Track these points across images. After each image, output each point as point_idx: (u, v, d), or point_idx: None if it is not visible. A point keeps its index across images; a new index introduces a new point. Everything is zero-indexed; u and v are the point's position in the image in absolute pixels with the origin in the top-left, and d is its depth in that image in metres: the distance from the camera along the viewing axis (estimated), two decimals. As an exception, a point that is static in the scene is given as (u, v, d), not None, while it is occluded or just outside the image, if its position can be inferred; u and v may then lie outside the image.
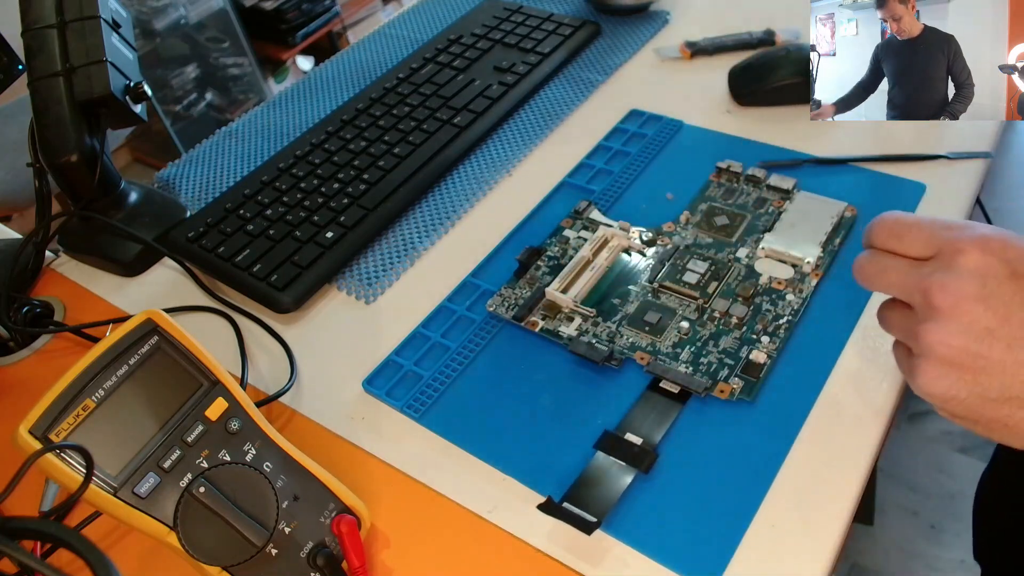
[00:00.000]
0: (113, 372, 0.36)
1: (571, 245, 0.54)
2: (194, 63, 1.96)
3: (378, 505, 0.43)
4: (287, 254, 0.56)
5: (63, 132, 0.55)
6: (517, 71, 0.69)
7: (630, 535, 0.39)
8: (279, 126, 0.72)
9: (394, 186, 0.60)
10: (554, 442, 0.44)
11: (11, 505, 0.45)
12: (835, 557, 0.38)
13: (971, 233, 0.34)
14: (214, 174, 0.68)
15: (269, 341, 0.53)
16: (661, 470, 0.42)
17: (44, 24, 0.55)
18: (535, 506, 0.40)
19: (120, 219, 0.60)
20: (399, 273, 0.56)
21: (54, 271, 0.63)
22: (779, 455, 0.41)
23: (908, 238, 0.35)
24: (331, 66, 0.79)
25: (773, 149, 0.59)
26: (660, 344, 0.47)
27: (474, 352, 0.49)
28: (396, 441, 0.46)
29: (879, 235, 0.37)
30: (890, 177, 0.55)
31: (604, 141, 0.63)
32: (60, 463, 0.33)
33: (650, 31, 0.74)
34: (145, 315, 0.37)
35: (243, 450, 0.38)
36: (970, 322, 0.32)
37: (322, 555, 0.38)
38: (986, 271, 0.32)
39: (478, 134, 0.64)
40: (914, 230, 0.35)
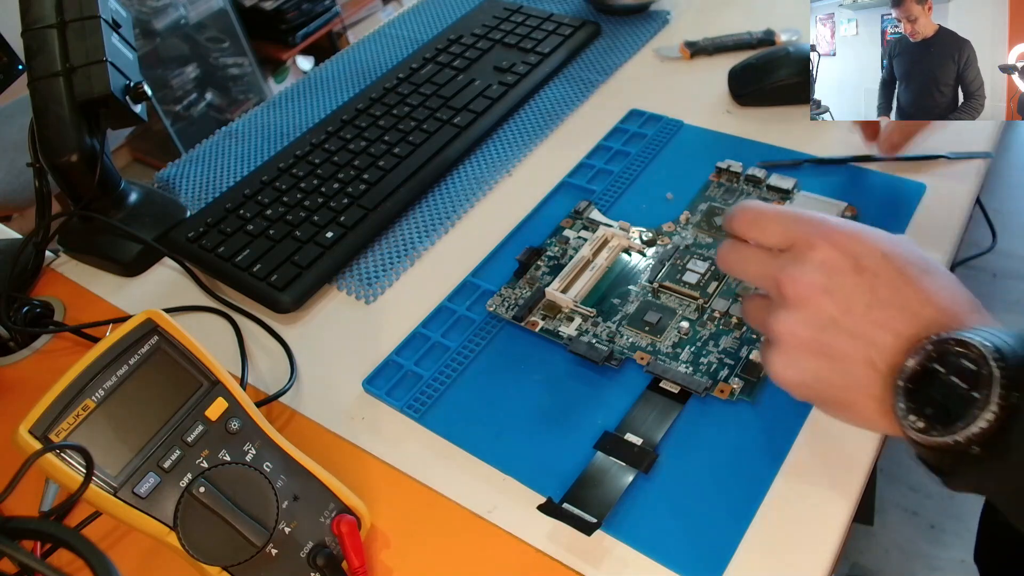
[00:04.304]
0: (113, 372, 0.36)
1: (571, 245, 0.54)
2: (194, 63, 1.96)
3: (378, 505, 0.43)
4: (287, 254, 0.56)
5: (63, 132, 0.55)
6: (517, 71, 0.69)
7: (630, 535, 0.39)
8: (279, 126, 0.72)
9: (394, 186, 0.60)
10: (554, 442, 0.44)
11: (11, 505, 0.45)
12: (835, 557, 0.38)
13: (822, 228, 0.35)
14: (214, 174, 0.68)
15: (269, 341, 0.53)
16: (661, 470, 0.42)
17: (44, 24, 0.55)
18: (535, 506, 0.40)
19: (120, 219, 0.60)
20: (399, 273, 0.56)
21: (54, 271, 0.63)
22: (779, 455, 0.41)
23: (767, 229, 0.37)
24: (331, 66, 0.79)
25: (773, 149, 0.59)
26: (660, 344, 0.47)
27: (474, 352, 0.49)
28: (396, 441, 0.46)
29: (740, 224, 0.38)
30: (890, 177, 0.55)
31: (604, 141, 0.63)
32: (60, 463, 0.33)
33: (650, 31, 0.74)
34: (145, 315, 0.37)
35: (243, 450, 0.38)
36: (816, 313, 0.35)
37: (322, 555, 0.38)
38: (833, 265, 0.34)
39: (478, 134, 0.64)
40: (773, 222, 0.37)
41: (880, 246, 0.35)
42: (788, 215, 0.37)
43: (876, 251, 0.34)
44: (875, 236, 0.35)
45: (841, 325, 0.34)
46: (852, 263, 0.34)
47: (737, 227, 0.39)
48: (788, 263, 0.36)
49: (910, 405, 0.32)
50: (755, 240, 0.38)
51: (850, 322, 0.34)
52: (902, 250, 0.35)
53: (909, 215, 0.52)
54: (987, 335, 0.31)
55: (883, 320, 0.34)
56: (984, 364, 0.30)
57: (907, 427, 0.32)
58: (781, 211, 0.37)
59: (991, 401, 0.30)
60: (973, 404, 0.30)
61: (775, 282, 0.36)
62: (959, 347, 0.31)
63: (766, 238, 0.37)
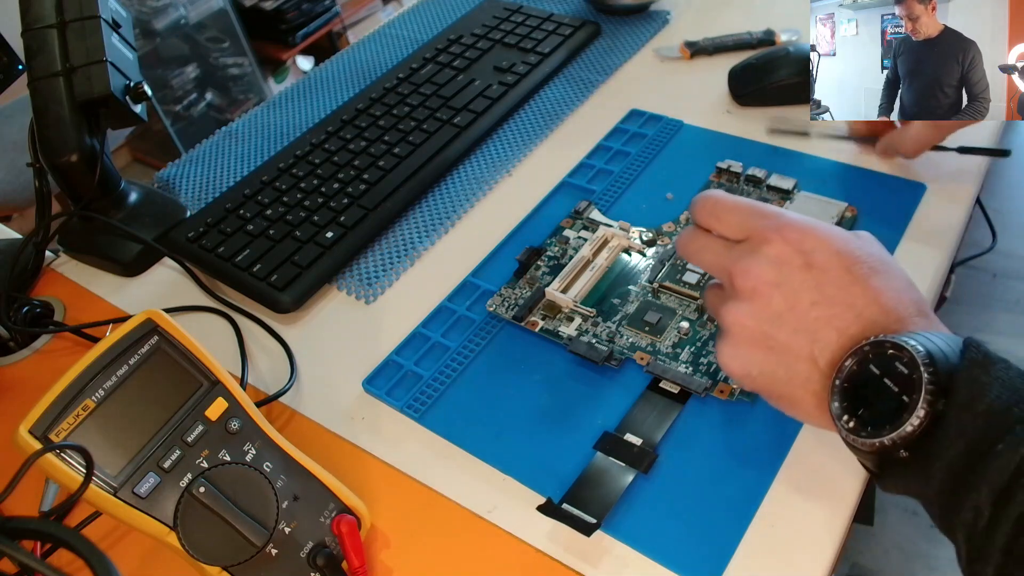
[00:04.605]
0: (113, 372, 0.36)
1: (571, 245, 0.54)
2: (194, 63, 1.96)
3: (378, 505, 0.43)
4: (287, 254, 0.56)
5: (63, 132, 0.55)
6: (517, 71, 0.69)
7: (630, 535, 0.39)
8: (279, 126, 0.72)
9: (394, 186, 0.60)
10: (554, 442, 0.44)
11: (11, 505, 0.45)
12: (835, 557, 0.38)
13: (778, 222, 0.36)
14: (214, 174, 0.68)
15: (269, 341, 0.53)
16: (661, 470, 0.42)
17: (44, 24, 0.55)
18: (535, 507, 0.40)
19: (120, 219, 0.60)
20: (399, 273, 0.56)
21: (54, 271, 0.63)
22: (779, 455, 0.41)
23: (725, 220, 0.38)
24: (331, 66, 0.79)
25: (773, 149, 0.59)
26: (660, 344, 0.47)
27: (474, 352, 0.49)
28: (396, 441, 0.46)
29: (700, 214, 0.39)
30: (890, 177, 0.55)
31: (604, 141, 0.63)
32: (60, 463, 0.33)
33: (650, 31, 0.74)
34: (145, 315, 0.37)
35: (243, 450, 0.38)
36: (764, 306, 0.35)
37: (322, 555, 0.38)
38: (783, 259, 0.35)
39: (478, 134, 0.64)
40: (731, 213, 0.38)
41: (833, 243, 0.35)
42: (747, 207, 0.37)
43: (828, 248, 0.35)
44: (829, 233, 0.35)
45: (786, 319, 0.35)
46: (803, 259, 0.35)
47: (698, 216, 0.39)
48: (742, 255, 0.36)
49: (844, 405, 0.33)
50: (714, 230, 0.39)
51: (795, 317, 0.34)
52: (854, 248, 0.35)
53: (909, 215, 0.52)
54: (923, 340, 0.31)
55: (827, 317, 0.34)
56: (915, 369, 0.30)
57: (840, 426, 0.33)
58: (740, 202, 0.38)
59: (918, 406, 0.30)
60: (902, 408, 0.31)
61: (729, 273, 0.37)
62: (894, 350, 0.31)
63: (724, 228, 0.38)
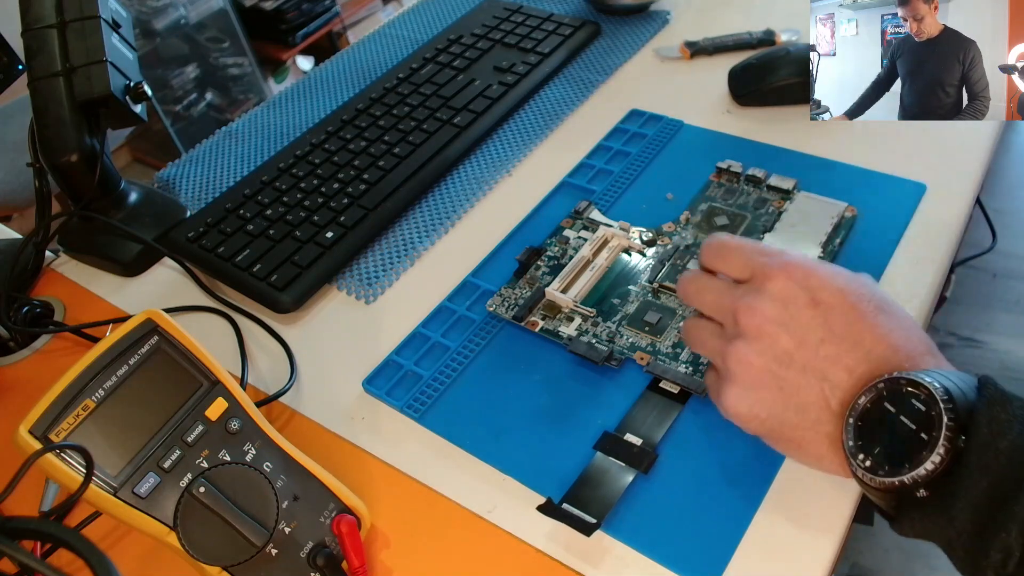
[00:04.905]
0: (113, 372, 0.36)
1: (571, 245, 0.54)
2: (194, 63, 1.96)
3: (378, 505, 0.43)
4: (287, 254, 0.56)
5: (63, 132, 0.55)
6: (517, 71, 0.69)
7: (630, 535, 0.39)
8: (279, 126, 0.72)
9: (394, 186, 0.60)
10: (554, 442, 0.44)
11: (11, 505, 0.45)
12: (835, 557, 0.38)
13: (780, 260, 0.36)
14: (214, 174, 0.68)
15: (269, 341, 0.53)
16: (661, 470, 0.42)
17: (44, 24, 0.55)
18: (535, 507, 0.40)
19: (120, 219, 0.60)
20: (399, 273, 0.56)
21: (54, 271, 0.63)
22: (779, 455, 0.41)
23: (729, 260, 0.38)
24: (331, 66, 0.79)
25: (773, 149, 0.59)
26: (660, 344, 0.47)
27: (474, 352, 0.49)
28: (396, 441, 0.46)
29: (707, 255, 0.39)
30: (890, 177, 0.55)
31: (604, 141, 0.63)
32: (60, 463, 0.33)
33: (650, 31, 0.74)
34: (145, 315, 0.38)
35: (243, 450, 0.38)
36: (771, 344, 0.35)
37: (322, 555, 0.38)
38: (789, 297, 0.35)
39: (478, 134, 0.64)
40: (735, 253, 0.38)
41: (836, 282, 0.35)
42: (750, 247, 0.38)
43: (832, 286, 0.35)
44: (833, 272, 0.35)
45: (795, 358, 0.34)
46: (808, 296, 0.35)
47: (704, 257, 0.39)
48: (746, 292, 0.36)
49: (859, 443, 0.32)
50: (719, 270, 0.39)
51: (803, 355, 0.34)
52: (858, 286, 0.35)
53: (909, 215, 0.52)
54: (939, 377, 0.31)
55: (835, 355, 0.34)
56: (934, 406, 0.30)
57: (855, 466, 0.32)
58: (744, 243, 0.38)
59: (939, 444, 0.29)
60: (921, 446, 0.30)
61: (732, 312, 0.36)
62: (910, 387, 0.31)
63: (728, 268, 0.38)
